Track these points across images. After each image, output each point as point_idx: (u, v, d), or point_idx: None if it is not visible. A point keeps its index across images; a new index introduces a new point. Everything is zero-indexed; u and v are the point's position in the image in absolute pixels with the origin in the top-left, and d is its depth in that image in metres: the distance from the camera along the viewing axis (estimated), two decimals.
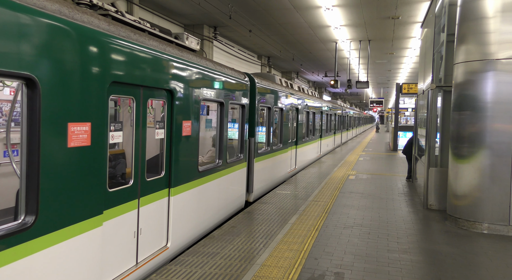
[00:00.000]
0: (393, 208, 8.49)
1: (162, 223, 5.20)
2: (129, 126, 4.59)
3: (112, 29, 4.02)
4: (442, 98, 8.59)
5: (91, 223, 3.78)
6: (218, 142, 7.20)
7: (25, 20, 2.97)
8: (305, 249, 5.73)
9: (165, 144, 5.23)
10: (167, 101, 5.20)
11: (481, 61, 6.93)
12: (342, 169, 14.42)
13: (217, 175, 6.90)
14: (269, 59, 25.43)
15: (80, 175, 3.62)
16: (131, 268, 4.52)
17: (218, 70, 6.83)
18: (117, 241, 4.25)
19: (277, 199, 8.97)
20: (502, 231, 6.74)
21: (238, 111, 8.34)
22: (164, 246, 5.26)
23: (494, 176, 6.81)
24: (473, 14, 7.06)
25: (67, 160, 3.45)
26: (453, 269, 5.19)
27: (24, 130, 3.14)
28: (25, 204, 3.13)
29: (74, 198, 3.56)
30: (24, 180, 3.12)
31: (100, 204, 3.90)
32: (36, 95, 3.11)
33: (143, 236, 4.75)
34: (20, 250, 3.01)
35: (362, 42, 20.05)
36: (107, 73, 3.89)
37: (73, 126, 3.48)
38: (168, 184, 5.29)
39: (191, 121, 5.74)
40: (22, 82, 3.09)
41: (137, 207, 4.60)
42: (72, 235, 3.53)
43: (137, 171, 4.60)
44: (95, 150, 3.78)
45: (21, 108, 3.12)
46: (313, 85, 40.27)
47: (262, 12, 14.70)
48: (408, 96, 30.96)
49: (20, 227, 3.03)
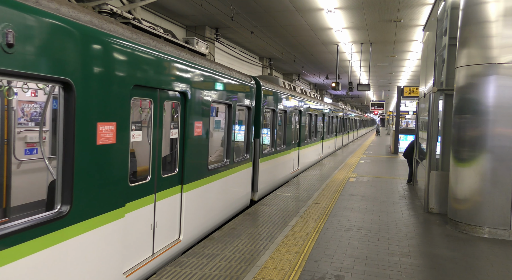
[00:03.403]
0: (394, 211, 8.47)
1: (175, 217, 5.55)
2: (148, 126, 4.97)
3: (134, 36, 4.39)
4: (444, 102, 8.58)
5: (116, 214, 4.14)
6: (226, 142, 7.53)
7: (63, 30, 3.32)
8: (305, 252, 5.72)
9: (179, 143, 5.58)
10: (181, 103, 5.56)
11: (483, 65, 6.92)
12: (342, 171, 14.40)
13: (225, 174, 7.23)
14: (270, 61, 25.44)
15: (107, 170, 3.98)
16: (148, 258, 4.86)
17: (226, 73, 7.17)
18: (136, 232, 4.59)
19: (278, 201, 8.96)
20: (503, 236, 6.72)
21: (245, 112, 8.63)
22: (177, 239, 5.60)
23: (495, 180, 6.80)
24: (475, 18, 7.05)
25: (96, 156, 3.81)
26: (454, 273, 5.17)
27: (61, 129, 3.49)
28: (61, 194, 3.48)
29: (102, 191, 3.92)
30: (60, 174, 3.48)
31: (123, 197, 4.26)
32: (72, 97, 3.46)
33: (158, 229, 5.08)
34: (57, 235, 3.36)
35: (363, 45, 20.05)
36: (130, 77, 4.25)
37: (101, 126, 3.85)
38: (181, 180, 5.62)
39: (202, 122, 6.09)
40: (60, 86, 3.43)
41: (153, 202, 4.94)
42: (99, 224, 3.89)
43: (154, 168, 4.95)
44: (119, 148, 4.14)
45: (58, 109, 3.47)
46: (314, 87, 40.27)
47: (264, 14, 14.70)
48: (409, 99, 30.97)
49: (57, 215, 3.39)
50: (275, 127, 10.78)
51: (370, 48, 20.24)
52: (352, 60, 24.71)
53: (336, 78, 22.32)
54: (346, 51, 21.99)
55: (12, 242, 2.93)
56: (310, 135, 15.79)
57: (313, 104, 16.30)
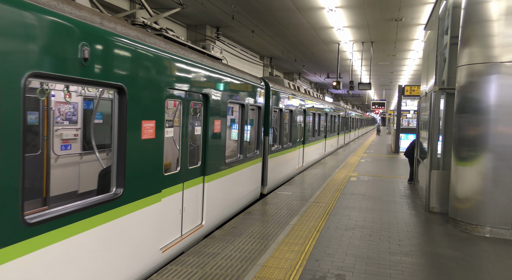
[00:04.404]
0: (395, 210, 8.46)
1: (198, 205, 6.24)
2: (178, 124, 5.73)
3: (168, 47, 5.08)
4: (445, 101, 8.56)
5: (155, 198, 4.85)
6: (240, 139, 8.23)
7: (119, 45, 4.07)
8: (306, 251, 5.71)
9: (201, 139, 6.30)
10: (203, 103, 6.26)
11: (484, 64, 6.91)
12: (343, 170, 14.39)
13: (239, 167, 7.96)
14: (271, 60, 25.42)
15: (149, 160, 4.69)
16: (177, 239, 5.56)
17: (240, 76, 7.94)
18: (169, 215, 5.29)
19: (278, 200, 8.95)
20: (505, 235, 6.71)
21: (255, 112, 9.37)
22: (199, 224, 6.29)
23: (497, 179, 6.79)
24: (477, 17, 7.04)
25: (141, 149, 4.51)
26: (455, 272, 5.17)
27: (115, 126, 4.17)
28: (116, 179, 4.20)
29: (145, 177, 4.63)
30: (115, 162, 4.19)
31: (160, 184, 4.96)
32: (124, 100, 4.16)
33: (185, 214, 5.77)
34: (113, 213, 4.07)
35: (364, 44, 20.02)
36: (165, 82, 4.96)
37: (145, 123, 4.56)
38: (203, 172, 6.32)
39: (220, 120, 6.84)
40: (115, 90, 4.12)
41: (182, 190, 5.64)
42: (143, 206, 4.61)
43: (182, 160, 5.65)
44: (157, 142, 4.85)
45: (112, 109, 4.17)
46: (315, 86, 40.23)
47: (265, 12, 14.68)
48: (410, 98, 30.93)
49: (113, 196, 4.10)
50: (282, 125, 11.38)
51: (371, 47, 20.21)
52: (353, 59, 24.68)
53: (337, 77, 22.31)
54: (347, 50, 21.95)
55: (82, 216, 3.64)
56: (313, 134, 16.39)
57: (317, 103, 16.85)
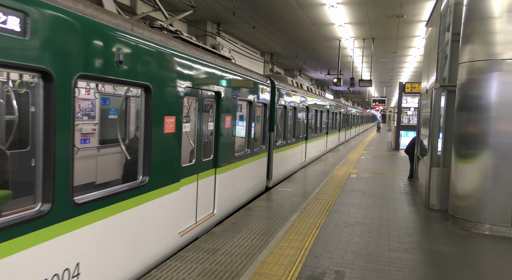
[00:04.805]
0: (395, 207, 8.46)
1: (211, 195, 6.71)
2: (193, 119, 6.18)
3: (186, 49, 5.55)
4: (446, 98, 8.54)
5: (174, 187, 5.32)
6: (247, 134, 8.65)
7: (147, 49, 4.55)
8: (305, 247, 5.72)
9: (214, 133, 6.77)
10: (216, 100, 6.72)
11: (486, 61, 6.88)
12: (343, 167, 14.39)
13: (247, 161, 8.43)
14: (272, 56, 25.34)
15: (170, 152, 5.17)
16: (193, 225, 6.05)
17: (248, 75, 8.40)
18: (186, 203, 5.78)
19: (278, 197, 8.96)
20: (505, 233, 6.72)
21: (261, 109, 9.82)
22: (211, 213, 6.75)
23: (497, 177, 6.78)
24: (479, 14, 7.00)
25: (163, 142, 4.97)
26: (454, 269, 5.17)
27: (142, 121, 4.64)
28: (142, 169, 4.67)
29: (167, 167, 5.10)
30: (142, 153, 4.67)
31: (179, 174, 5.44)
32: (150, 97, 4.62)
33: (200, 202, 6.24)
34: (140, 199, 4.56)
35: (365, 41, 19.96)
36: (184, 81, 5.43)
37: (167, 119, 5.00)
38: (215, 164, 6.78)
39: (231, 116, 7.30)
40: (142, 89, 4.57)
41: (196, 180, 6.10)
42: (165, 193, 5.08)
43: (197, 153, 6.13)
44: (177, 136, 5.32)
45: (140, 106, 4.67)
46: (315, 83, 40.16)
47: (266, 8, 14.63)
48: (410, 95, 30.87)
49: (140, 184, 4.58)
50: (286, 122, 11.85)
51: (372, 43, 20.15)
52: (354, 56, 24.62)
53: (338, 73, 22.25)
54: (348, 47, 21.89)
55: (116, 200, 4.12)
56: (315, 130, 16.81)
57: (319, 101, 17.26)
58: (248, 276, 4.65)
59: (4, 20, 2.74)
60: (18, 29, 2.89)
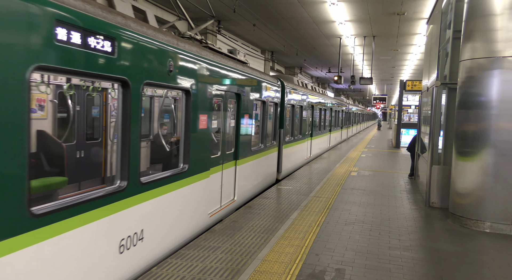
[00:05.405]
0: (395, 205, 8.46)
1: (232, 183, 7.66)
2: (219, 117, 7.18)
3: (214, 57, 6.53)
4: (447, 96, 8.52)
5: (206, 174, 6.30)
6: (261, 130, 9.67)
7: (187, 59, 5.50)
8: (306, 245, 5.72)
9: (235, 130, 7.76)
10: (236, 101, 7.74)
11: (487, 59, 6.86)
12: (344, 165, 14.38)
13: (261, 155, 9.43)
14: (272, 54, 25.29)
15: (202, 145, 6.15)
16: (218, 208, 6.97)
17: (262, 77, 9.42)
18: (213, 189, 6.72)
19: (279, 194, 8.95)
20: (505, 230, 6.71)
21: (273, 108, 10.74)
22: (232, 199, 7.74)
23: (497, 174, 6.77)
24: (481, 11, 6.98)
25: (198, 136, 5.95)
26: (455, 267, 5.17)
27: (182, 119, 5.64)
28: (183, 158, 5.67)
29: (201, 157, 6.11)
30: (182, 145, 5.68)
31: (209, 163, 6.42)
32: (190, 99, 5.63)
33: (224, 189, 7.22)
34: (181, 183, 5.50)
35: (366, 38, 19.92)
36: (213, 84, 6.42)
37: (201, 116, 5.99)
38: (235, 157, 7.77)
39: (248, 114, 8.30)
40: (183, 92, 5.59)
41: (221, 170, 7.07)
42: (199, 179, 6.06)
43: (222, 146, 7.12)
44: (208, 131, 6.29)
45: (181, 106, 5.67)
46: (316, 81, 40.10)
47: (267, 6, 14.59)
48: (411, 93, 30.82)
49: (181, 170, 5.54)
50: (294, 120, 12.76)
51: (373, 41, 20.11)
52: (355, 54, 24.58)
53: (339, 71, 22.22)
54: (349, 45, 21.85)
55: (164, 183, 5.05)
56: (320, 128, 17.76)
57: (322, 99, 18.11)
58: (249, 274, 4.65)
59: (102, 44, 3.78)
60: (110, 50, 3.89)
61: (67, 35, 3.34)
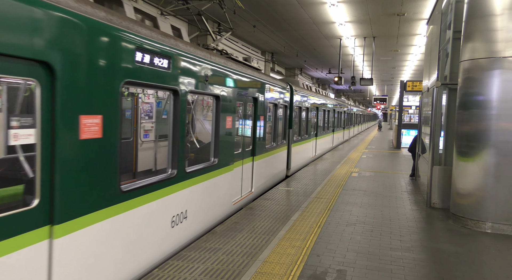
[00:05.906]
0: (396, 206, 8.45)
1: (249, 177, 8.62)
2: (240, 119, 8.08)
3: (237, 67, 7.53)
4: (447, 96, 8.52)
5: (230, 167, 7.30)
6: (273, 130, 10.59)
7: (218, 70, 6.55)
8: (307, 246, 5.71)
9: (252, 130, 8.70)
10: (254, 104, 8.72)
11: (487, 59, 6.86)
12: (345, 166, 14.37)
13: (273, 152, 10.40)
14: (272, 55, 25.30)
15: (228, 141, 7.17)
16: (239, 198, 7.94)
17: (275, 82, 10.56)
18: (235, 180, 7.69)
19: (280, 196, 8.95)
20: (506, 231, 6.70)
21: (282, 110, 11.63)
22: (250, 191, 8.72)
23: (499, 175, 6.76)
24: (481, 11, 6.98)
25: (226, 134, 6.99)
26: (456, 268, 5.16)
27: (214, 120, 6.70)
28: (213, 153, 6.65)
29: (227, 152, 7.09)
30: (213, 142, 6.68)
31: (232, 158, 7.42)
32: (219, 103, 6.72)
33: (243, 181, 8.18)
34: (212, 174, 6.49)
35: (366, 39, 19.91)
36: (237, 89, 7.45)
37: (227, 118, 7.05)
38: (252, 154, 8.76)
39: (263, 116, 9.25)
40: (214, 98, 6.66)
41: (241, 165, 8.04)
42: (226, 171, 7.06)
43: (242, 144, 8.07)
44: (233, 131, 7.36)
45: (213, 109, 6.73)
46: (316, 82, 40.09)
47: (267, 7, 14.60)
48: (412, 94, 30.80)
49: (212, 163, 6.54)
50: (301, 120, 13.74)
51: (373, 42, 20.10)
52: (355, 55, 24.56)
53: (339, 72, 22.22)
54: (349, 45, 21.84)
55: (201, 173, 6.07)
56: (324, 128, 18.73)
57: (326, 101, 19.08)
58: (250, 275, 4.65)
59: (162, 62, 4.80)
60: (167, 66, 4.89)
61: (142, 57, 4.38)
